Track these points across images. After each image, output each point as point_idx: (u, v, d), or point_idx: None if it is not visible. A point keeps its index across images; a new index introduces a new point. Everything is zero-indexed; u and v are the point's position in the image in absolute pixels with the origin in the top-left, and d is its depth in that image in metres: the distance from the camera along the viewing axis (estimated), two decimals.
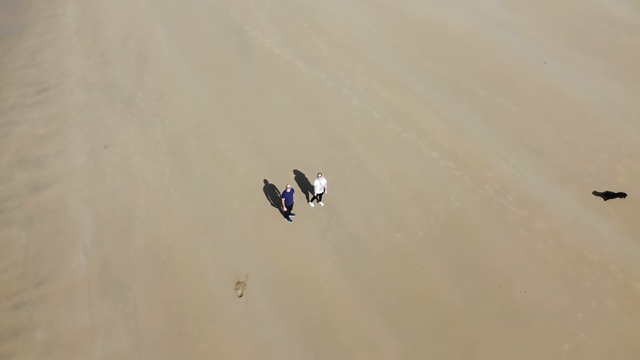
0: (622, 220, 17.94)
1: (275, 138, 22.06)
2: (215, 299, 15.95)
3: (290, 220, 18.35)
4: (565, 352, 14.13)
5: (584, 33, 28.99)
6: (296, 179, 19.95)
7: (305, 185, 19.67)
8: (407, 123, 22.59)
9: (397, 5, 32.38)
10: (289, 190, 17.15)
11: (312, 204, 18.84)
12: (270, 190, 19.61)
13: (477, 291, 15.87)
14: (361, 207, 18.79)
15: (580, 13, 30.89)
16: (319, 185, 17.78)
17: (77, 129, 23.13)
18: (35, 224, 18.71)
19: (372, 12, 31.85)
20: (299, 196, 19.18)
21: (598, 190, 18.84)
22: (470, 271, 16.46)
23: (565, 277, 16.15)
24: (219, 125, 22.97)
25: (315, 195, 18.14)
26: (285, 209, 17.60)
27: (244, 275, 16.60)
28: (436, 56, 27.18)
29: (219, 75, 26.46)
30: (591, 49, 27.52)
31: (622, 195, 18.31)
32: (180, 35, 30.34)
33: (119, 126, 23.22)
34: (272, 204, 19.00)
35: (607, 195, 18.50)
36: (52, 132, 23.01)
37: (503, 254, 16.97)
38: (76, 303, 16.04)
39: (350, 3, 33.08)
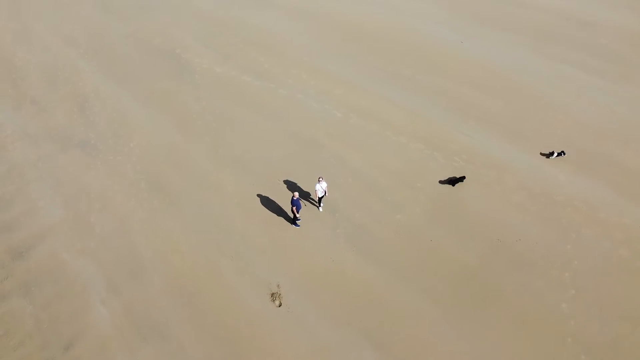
0: (571, 163, 21.31)
1: (252, 152, 22.62)
2: (257, 314, 16.42)
3: (298, 225, 19.22)
4: (569, 279, 16.83)
5: (483, 12, 32.99)
6: (289, 187, 20.78)
7: (299, 190, 20.56)
8: (368, 116, 24.38)
9: (319, 10, 34.08)
10: (296, 197, 18.06)
11: (320, 209, 19.79)
12: (267, 201, 20.26)
13: (482, 248, 18.10)
14: (357, 199, 20.20)
15: None
16: (320, 189, 18.85)
17: (38, 184, 21.71)
18: (34, 289, 17.58)
19: (296, 19, 33.23)
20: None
21: (446, 177, 20.95)
22: (469, 232, 18.66)
23: (545, 219, 18.99)
24: (191, 151, 22.95)
25: (318, 198, 19.19)
26: (296, 215, 18.44)
27: (275, 286, 17.23)
28: (370, 52, 29.33)
29: (168, 102, 26.18)
30: (493, 24, 31.48)
31: (462, 179, 20.40)
32: (110, 69, 29.25)
33: (84, 172, 22.19)
34: (276, 214, 19.70)
35: (452, 181, 20.59)
36: (11, 193, 21.37)
37: (490, 211, 19.43)
38: (116, 355, 15.57)
39: (272, 14, 34.15)
